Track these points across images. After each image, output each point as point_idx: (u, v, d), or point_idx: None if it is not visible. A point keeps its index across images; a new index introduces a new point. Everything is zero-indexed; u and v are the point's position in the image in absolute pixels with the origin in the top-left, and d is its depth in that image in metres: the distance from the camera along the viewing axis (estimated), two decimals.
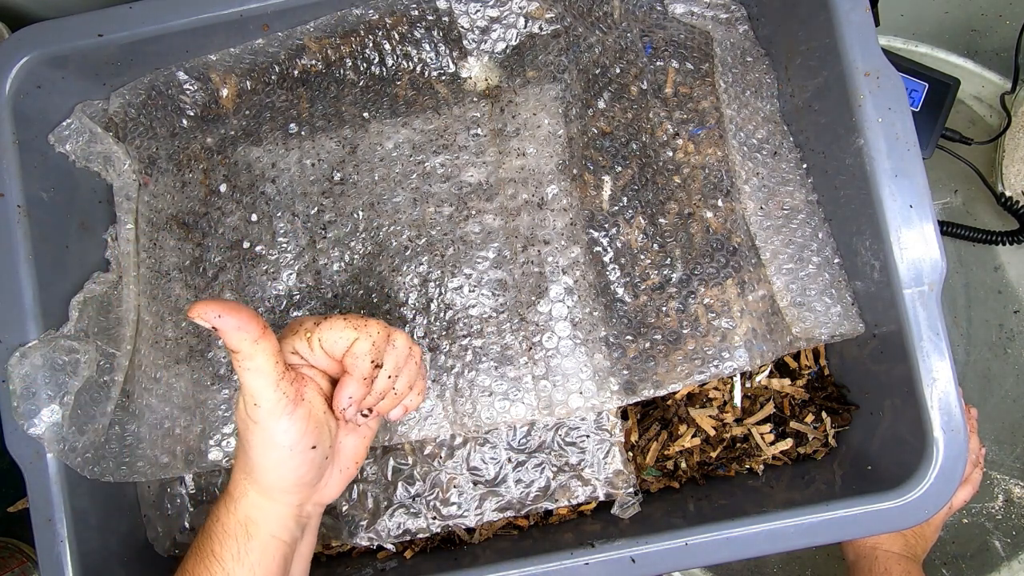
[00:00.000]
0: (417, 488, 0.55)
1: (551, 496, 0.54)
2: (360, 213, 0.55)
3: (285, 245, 0.55)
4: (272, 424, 0.37)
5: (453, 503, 0.54)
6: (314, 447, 0.39)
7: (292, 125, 0.56)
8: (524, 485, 0.54)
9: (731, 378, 0.56)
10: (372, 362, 0.39)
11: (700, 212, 0.52)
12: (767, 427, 0.56)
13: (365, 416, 0.42)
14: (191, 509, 0.56)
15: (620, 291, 0.52)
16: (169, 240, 0.57)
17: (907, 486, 0.46)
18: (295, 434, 0.38)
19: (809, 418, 0.56)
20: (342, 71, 0.56)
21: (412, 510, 0.54)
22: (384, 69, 0.56)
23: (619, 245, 0.53)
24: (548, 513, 0.56)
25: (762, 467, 0.56)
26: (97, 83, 0.55)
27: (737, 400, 0.56)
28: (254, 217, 0.55)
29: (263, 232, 0.55)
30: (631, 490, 0.53)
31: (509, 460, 0.54)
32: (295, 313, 0.55)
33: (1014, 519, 0.73)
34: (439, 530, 0.54)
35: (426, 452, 0.55)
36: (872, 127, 0.46)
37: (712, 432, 0.55)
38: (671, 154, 0.53)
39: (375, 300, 0.54)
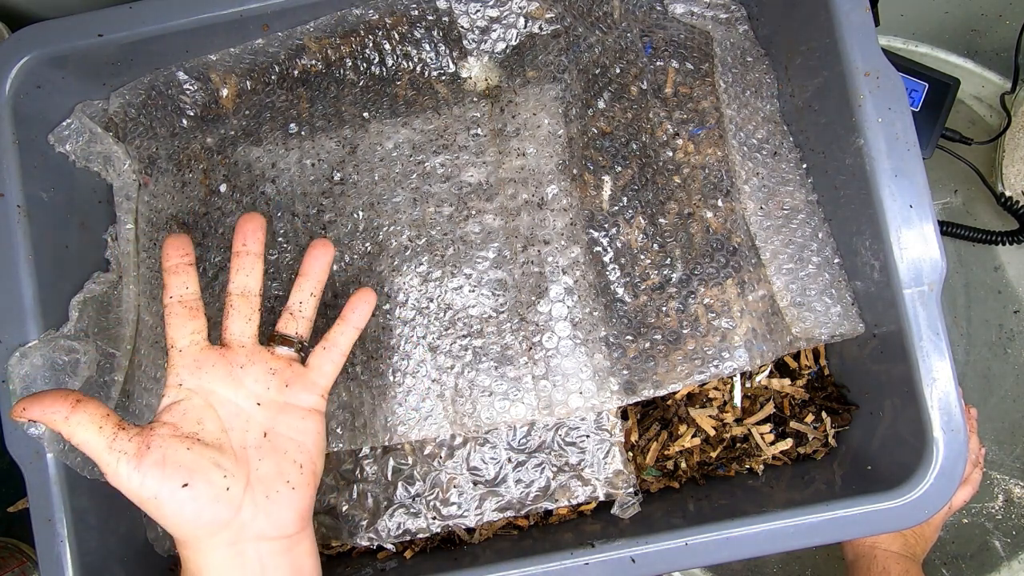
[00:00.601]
0: (417, 488, 0.55)
1: (551, 496, 0.54)
2: (360, 213, 0.55)
3: (285, 245, 0.55)
4: (124, 484, 0.37)
5: (453, 503, 0.54)
6: (185, 485, 0.38)
7: (292, 125, 0.56)
8: (524, 485, 0.54)
9: (731, 378, 0.56)
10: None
11: (700, 212, 0.52)
12: (767, 427, 0.56)
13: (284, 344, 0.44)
14: None
15: (620, 291, 0.52)
16: None
17: (907, 486, 0.46)
18: (152, 483, 0.37)
19: (809, 418, 0.56)
20: (342, 71, 0.56)
21: (412, 510, 0.54)
22: (384, 69, 0.56)
23: (619, 245, 0.53)
24: (548, 513, 0.56)
25: (762, 467, 0.57)
26: (97, 83, 0.55)
27: (737, 400, 0.56)
28: None
29: None
30: (631, 490, 0.53)
31: (509, 460, 0.54)
32: None
33: (1014, 519, 0.73)
34: (439, 530, 0.54)
35: (426, 452, 0.55)
36: (872, 127, 0.46)
37: (712, 432, 0.55)
38: (671, 154, 0.53)
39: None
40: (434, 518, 0.54)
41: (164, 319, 0.42)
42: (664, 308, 0.52)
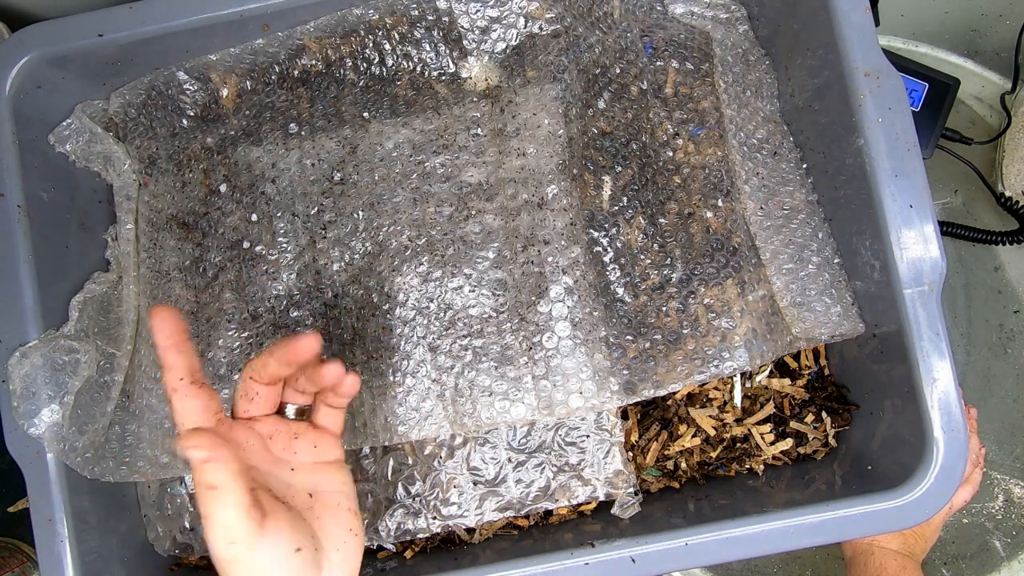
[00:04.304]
0: (417, 488, 0.55)
1: (551, 496, 0.54)
2: (360, 213, 0.55)
3: (285, 245, 0.55)
4: (252, 555, 0.34)
5: (453, 503, 0.54)
6: (298, 549, 0.36)
7: (292, 125, 0.56)
8: (524, 485, 0.54)
9: (731, 378, 0.56)
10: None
11: (700, 212, 0.52)
12: (767, 427, 0.56)
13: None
14: (191, 509, 0.56)
15: (620, 291, 0.52)
16: (169, 240, 0.57)
17: (907, 486, 0.46)
18: (270, 549, 0.35)
19: (809, 418, 0.56)
20: (342, 71, 0.56)
21: (412, 510, 0.54)
22: (384, 69, 0.56)
23: (619, 245, 0.53)
24: (548, 513, 0.56)
25: (762, 467, 0.57)
26: (97, 83, 0.55)
27: (737, 400, 0.56)
28: (254, 217, 0.56)
29: (263, 232, 0.55)
30: (631, 490, 0.53)
31: (509, 460, 0.54)
32: (295, 313, 0.55)
33: (1014, 519, 0.73)
34: (439, 530, 0.54)
35: (426, 452, 0.55)
36: (872, 127, 0.46)
37: (712, 432, 0.55)
38: (671, 154, 0.53)
39: (375, 300, 0.54)
40: (434, 518, 0.54)
41: (172, 402, 0.37)
42: (664, 308, 0.52)
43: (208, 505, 0.34)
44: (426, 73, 0.56)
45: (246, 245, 0.55)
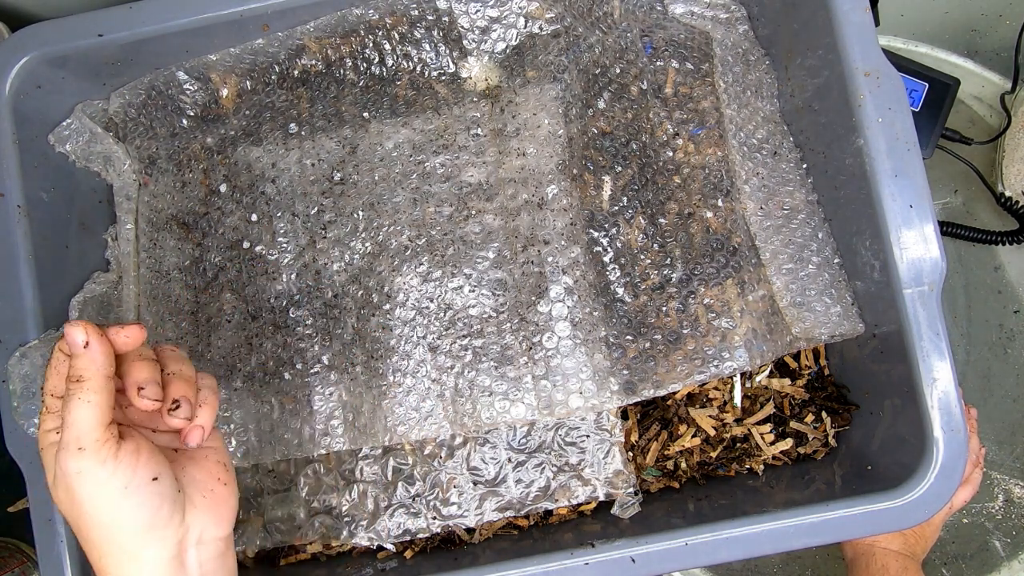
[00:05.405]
0: (417, 488, 0.55)
1: (551, 496, 0.54)
2: (360, 213, 0.55)
3: (285, 245, 0.55)
4: (101, 473, 0.34)
5: (453, 503, 0.54)
6: (155, 479, 0.36)
7: (292, 125, 0.56)
8: (524, 485, 0.54)
9: (731, 378, 0.56)
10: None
11: (700, 212, 0.52)
12: (767, 427, 0.56)
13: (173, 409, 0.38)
14: None
15: (620, 291, 0.52)
16: (169, 240, 0.57)
17: (907, 486, 0.46)
18: (133, 478, 0.35)
19: (809, 418, 0.56)
20: (342, 71, 0.56)
21: (412, 510, 0.54)
22: (384, 69, 0.56)
23: (619, 245, 0.53)
24: (548, 513, 0.56)
25: (762, 467, 0.57)
26: (97, 83, 0.55)
27: (737, 400, 0.56)
28: (254, 217, 0.56)
29: (263, 232, 0.55)
30: (631, 490, 0.53)
31: (509, 460, 0.54)
32: (295, 313, 0.55)
33: (1014, 519, 0.73)
34: (439, 530, 0.54)
35: (426, 452, 0.55)
36: (872, 127, 0.46)
37: (712, 432, 0.55)
38: (671, 154, 0.53)
39: (375, 300, 0.54)
40: (434, 518, 0.54)
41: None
42: (664, 308, 0.52)
43: (68, 404, 0.33)
44: (426, 73, 0.56)
45: (246, 245, 0.55)
